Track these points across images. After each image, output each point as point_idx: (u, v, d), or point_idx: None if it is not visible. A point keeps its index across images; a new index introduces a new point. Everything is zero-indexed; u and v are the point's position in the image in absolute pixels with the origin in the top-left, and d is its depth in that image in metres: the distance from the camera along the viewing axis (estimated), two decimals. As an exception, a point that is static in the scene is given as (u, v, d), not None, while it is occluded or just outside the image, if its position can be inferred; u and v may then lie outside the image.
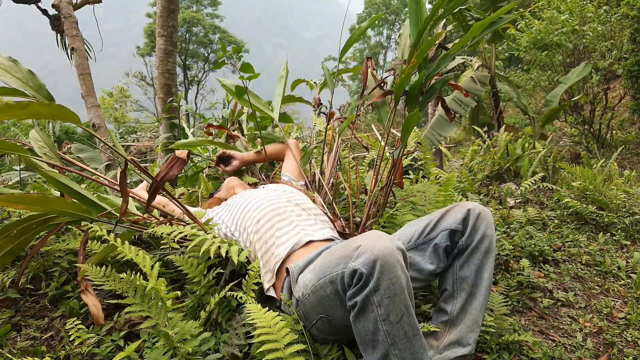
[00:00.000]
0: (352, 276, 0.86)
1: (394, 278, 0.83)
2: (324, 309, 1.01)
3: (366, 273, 0.83)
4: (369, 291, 0.84)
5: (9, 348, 1.16)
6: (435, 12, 1.34)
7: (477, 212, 1.12)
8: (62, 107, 1.08)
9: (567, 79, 4.56)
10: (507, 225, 2.26)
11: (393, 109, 1.64)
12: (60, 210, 1.29)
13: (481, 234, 1.10)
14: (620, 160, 5.16)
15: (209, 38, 23.67)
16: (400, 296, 0.84)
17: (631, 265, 1.90)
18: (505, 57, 9.18)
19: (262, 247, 1.28)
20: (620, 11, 5.41)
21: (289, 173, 1.87)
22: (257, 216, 1.35)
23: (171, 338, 1.01)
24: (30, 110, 1.03)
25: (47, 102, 1.18)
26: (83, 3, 3.19)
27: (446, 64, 1.37)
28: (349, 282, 0.87)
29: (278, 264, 1.22)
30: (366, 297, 0.84)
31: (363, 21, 26.80)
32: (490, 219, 1.13)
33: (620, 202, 2.47)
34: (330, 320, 1.02)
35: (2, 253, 1.28)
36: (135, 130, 10.33)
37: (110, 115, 18.16)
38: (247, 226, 1.36)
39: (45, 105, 1.07)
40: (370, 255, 0.84)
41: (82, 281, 1.27)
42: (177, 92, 3.10)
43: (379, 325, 0.85)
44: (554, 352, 1.26)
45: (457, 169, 3.70)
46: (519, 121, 8.24)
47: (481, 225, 1.11)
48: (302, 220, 1.34)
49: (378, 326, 0.85)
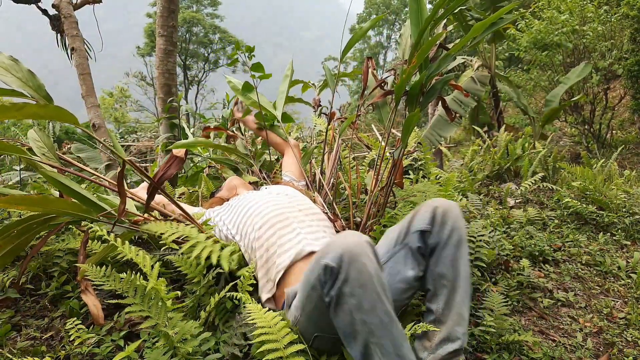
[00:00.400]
0: (325, 273, 0.88)
1: (361, 266, 0.86)
2: (315, 326, 1.01)
3: (335, 266, 0.86)
4: (341, 283, 0.86)
5: (9, 348, 1.16)
6: (436, 12, 1.34)
7: (444, 208, 1.12)
8: (59, 108, 1.08)
9: (567, 79, 4.56)
10: (507, 225, 2.26)
11: (394, 109, 1.64)
12: (60, 210, 1.29)
13: (450, 229, 1.10)
14: (620, 160, 5.16)
15: (209, 38, 23.66)
16: (371, 285, 0.86)
17: (631, 265, 1.90)
18: (505, 57, 9.18)
19: (262, 255, 1.27)
20: (621, 11, 5.41)
21: (289, 173, 1.86)
22: (259, 222, 1.33)
23: (171, 338, 1.01)
24: (27, 112, 1.02)
25: (45, 103, 1.17)
26: (83, 3, 3.19)
27: (447, 64, 1.37)
28: (324, 280, 0.89)
29: (280, 274, 1.20)
30: (339, 290, 0.87)
31: (363, 21, 26.80)
32: (457, 212, 1.13)
33: (621, 202, 2.47)
34: (324, 337, 1.02)
35: (3, 253, 1.28)
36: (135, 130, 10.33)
37: (111, 115, 18.16)
38: (249, 231, 1.35)
39: (42, 106, 1.06)
40: (338, 249, 0.87)
41: (82, 281, 1.27)
42: (177, 92, 3.10)
43: (354, 315, 0.86)
44: (554, 352, 1.26)
45: (457, 169, 3.69)
46: (519, 121, 8.24)
47: (448, 220, 1.11)
48: (304, 227, 1.33)
49: (354, 316, 0.86)
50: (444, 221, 1.11)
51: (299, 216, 1.37)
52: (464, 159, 4.11)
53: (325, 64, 3.18)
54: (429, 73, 1.40)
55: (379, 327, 0.86)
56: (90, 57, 2.97)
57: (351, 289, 0.86)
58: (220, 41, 23.91)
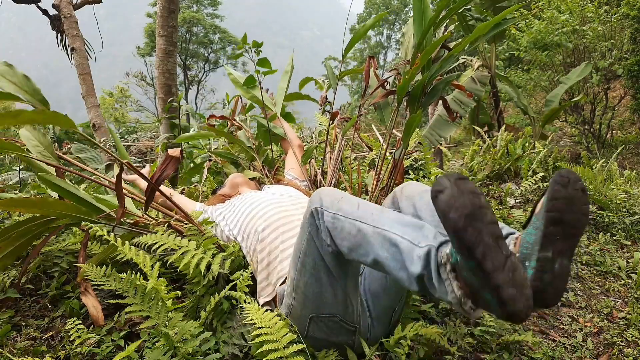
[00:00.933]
0: (312, 218, 0.96)
1: (332, 191, 0.99)
2: (311, 304, 1.01)
3: (319, 205, 0.96)
4: (327, 212, 0.94)
5: (9, 348, 1.16)
6: (440, 12, 1.33)
7: (401, 187, 1.18)
8: (55, 113, 1.07)
9: (568, 79, 4.56)
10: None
11: (395, 109, 1.64)
12: (59, 212, 1.29)
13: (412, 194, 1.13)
14: (620, 160, 5.16)
15: (209, 38, 23.64)
16: (348, 196, 0.98)
17: (631, 265, 1.90)
18: (505, 57, 9.17)
19: (264, 259, 1.25)
20: (621, 11, 5.41)
21: (292, 172, 1.86)
22: (262, 224, 1.31)
23: (171, 338, 1.01)
24: (23, 118, 1.02)
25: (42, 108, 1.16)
26: (83, 3, 3.19)
27: (450, 65, 1.37)
28: (316, 227, 0.96)
29: (281, 280, 1.18)
30: (331, 218, 0.93)
31: (363, 21, 26.79)
32: (415, 184, 1.17)
33: (621, 202, 2.47)
34: (320, 317, 1.01)
35: (3, 255, 1.28)
36: (136, 130, 10.32)
37: (111, 115, 18.15)
38: (251, 233, 1.33)
39: (38, 112, 1.06)
40: (315, 196, 0.99)
41: (82, 282, 1.27)
42: (177, 92, 3.10)
43: (350, 221, 0.91)
44: (554, 352, 1.26)
45: (458, 169, 3.69)
46: (519, 121, 8.23)
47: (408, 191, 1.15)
48: None
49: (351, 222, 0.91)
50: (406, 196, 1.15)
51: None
52: (464, 159, 4.11)
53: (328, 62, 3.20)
54: (431, 74, 1.40)
55: (371, 216, 0.91)
56: (90, 57, 2.97)
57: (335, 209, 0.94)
58: (220, 41, 23.89)
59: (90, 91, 3.36)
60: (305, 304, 1.02)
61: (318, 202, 0.97)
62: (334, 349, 1.06)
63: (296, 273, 1.02)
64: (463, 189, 0.71)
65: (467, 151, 4.10)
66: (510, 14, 1.27)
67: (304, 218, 1.01)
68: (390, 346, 1.08)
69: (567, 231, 0.73)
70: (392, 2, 26.97)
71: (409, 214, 1.10)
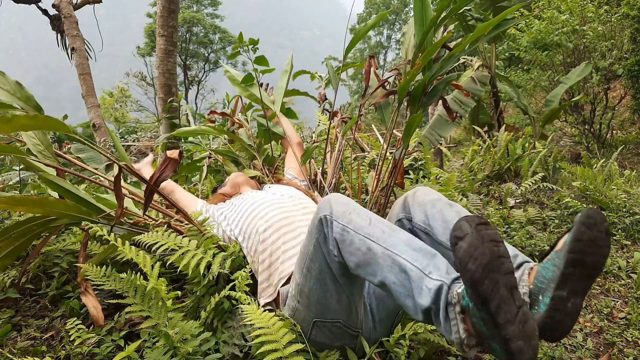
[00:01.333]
0: (321, 225, 0.94)
1: (344, 200, 0.97)
2: (315, 309, 1.00)
3: (328, 213, 0.94)
4: (336, 222, 0.92)
5: (9, 348, 1.16)
6: (441, 13, 1.33)
7: (413, 192, 1.16)
8: (48, 118, 1.07)
9: (568, 79, 4.56)
10: (507, 225, 2.26)
11: (396, 109, 1.64)
12: (59, 212, 1.29)
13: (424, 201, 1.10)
14: (620, 160, 5.15)
15: (209, 38, 23.63)
16: (360, 209, 0.95)
17: (631, 265, 1.90)
18: (505, 57, 9.17)
19: (265, 260, 1.24)
20: (621, 11, 5.41)
21: (291, 171, 1.86)
22: (263, 225, 1.31)
23: (171, 338, 1.01)
24: (16, 124, 1.01)
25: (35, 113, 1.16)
26: (83, 3, 3.19)
27: (450, 65, 1.37)
28: (324, 235, 0.94)
29: (283, 281, 1.18)
30: (340, 229, 0.92)
31: (363, 21, 26.78)
32: (428, 190, 1.14)
33: (621, 202, 2.47)
34: (324, 322, 1.01)
35: (3, 254, 1.28)
36: (136, 130, 10.31)
37: (111, 115, 18.14)
38: (252, 234, 1.32)
39: (31, 117, 1.05)
40: (325, 203, 0.97)
41: (82, 282, 1.27)
42: (177, 92, 3.10)
43: (360, 237, 0.90)
44: (554, 352, 1.26)
45: (458, 169, 3.69)
46: (519, 121, 8.22)
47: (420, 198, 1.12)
48: None
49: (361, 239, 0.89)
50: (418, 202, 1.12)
51: (304, 220, 1.35)
52: (464, 158, 4.11)
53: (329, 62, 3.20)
54: (432, 74, 1.40)
55: (382, 235, 0.89)
56: (90, 57, 2.97)
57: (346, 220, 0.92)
58: (220, 41, 23.88)
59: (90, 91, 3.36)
60: (309, 308, 1.02)
61: (328, 210, 0.95)
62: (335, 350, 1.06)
63: (301, 277, 1.01)
64: (484, 236, 0.69)
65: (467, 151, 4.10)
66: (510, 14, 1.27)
67: (311, 223, 0.99)
68: (390, 346, 1.08)
69: (586, 273, 0.73)
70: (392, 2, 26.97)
71: (419, 221, 1.09)
